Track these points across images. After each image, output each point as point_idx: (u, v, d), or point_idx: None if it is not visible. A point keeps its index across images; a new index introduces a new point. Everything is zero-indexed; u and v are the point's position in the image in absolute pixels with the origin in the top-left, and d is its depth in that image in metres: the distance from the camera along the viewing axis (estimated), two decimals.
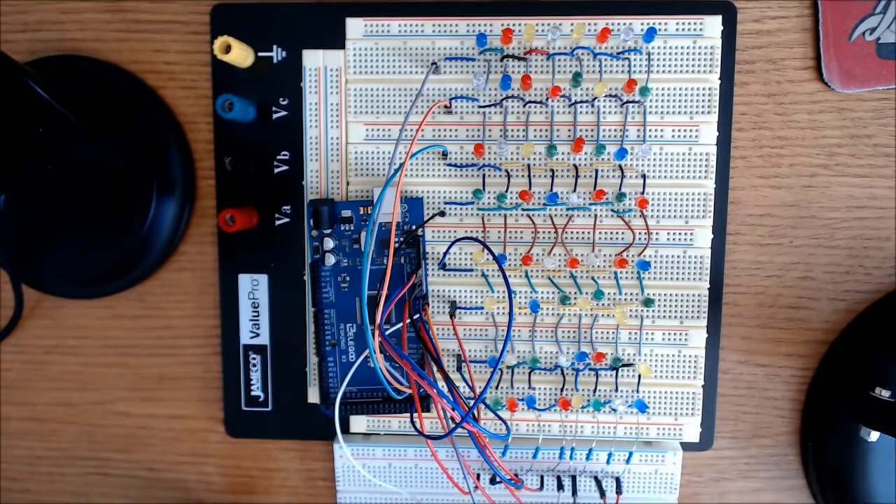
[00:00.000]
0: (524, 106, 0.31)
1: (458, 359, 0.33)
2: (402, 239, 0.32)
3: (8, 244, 0.33)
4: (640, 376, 0.32)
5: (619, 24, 0.31)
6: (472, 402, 0.29)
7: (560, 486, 0.33)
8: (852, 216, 0.33)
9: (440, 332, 0.33)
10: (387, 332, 0.31)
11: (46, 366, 0.36)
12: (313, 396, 0.34)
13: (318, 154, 0.32)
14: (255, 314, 0.34)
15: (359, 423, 0.34)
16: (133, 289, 0.35)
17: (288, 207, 0.33)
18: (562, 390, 0.33)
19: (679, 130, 0.31)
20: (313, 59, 0.32)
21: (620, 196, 0.31)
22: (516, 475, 0.32)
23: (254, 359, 0.34)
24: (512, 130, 0.31)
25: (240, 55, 0.31)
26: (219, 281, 0.34)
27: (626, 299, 0.32)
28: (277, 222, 0.33)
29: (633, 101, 0.31)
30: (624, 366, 0.32)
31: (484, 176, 0.32)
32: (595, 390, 0.33)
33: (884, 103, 0.32)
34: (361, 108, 0.32)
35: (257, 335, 0.34)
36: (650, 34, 0.30)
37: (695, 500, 0.35)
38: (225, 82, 0.33)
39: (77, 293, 0.35)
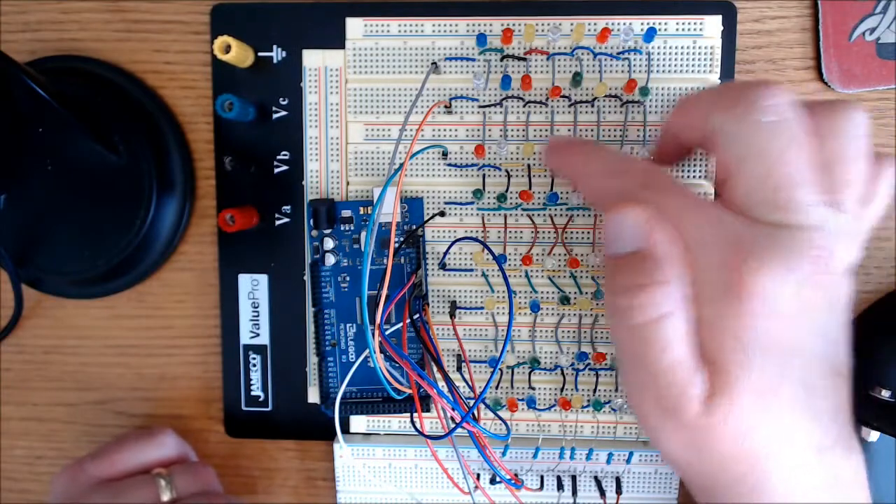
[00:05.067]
0: (524, 106, 0.31)
1: (458, 359, 0.33)
2: (402, 239, 0.32)
3: (8, 244, 0.33)
4: None
5: (619, 24, 0.31)
6: (472, 402, 0.29)
7: (560, 486, 0.33)
8: None
9: (440, 332, 0.33)
10: (387, 332, 0.31)
11: (46, 366, 0.36)
12: (313, 396, 0.34)
13: (318, 154, 0.32)
14: (255, 314, 0.34)
15: (359, 423, 0.34)
16: (133, 289, 0.35)
17: (288, 207, 0.33)
18: (562, 390, 0.33)
19: None
20: (313, 59, 0.32)
21: None
22: (516, 475, 0.32)
23: (254, 359, 0.34)
24: (512, 130, 0.31)
25: (240, 55, 0.31)
26: (219, 281, 0.34)
27: None
28: (277, 222, 0.33)
29: (633, 102, 0.31)
30: None
31: (484, 176, 0.32)
32: (595, 390, 0.33)
33: (884, 103, 0.32)
34: (361, 108, 0.32)
35: (257, 335, 0.34)
36: (650, 34, 0.30)
37: (694, 500, 0.35)
38: (225, 82, 0.33)
39: (77, 293, 0.35)
